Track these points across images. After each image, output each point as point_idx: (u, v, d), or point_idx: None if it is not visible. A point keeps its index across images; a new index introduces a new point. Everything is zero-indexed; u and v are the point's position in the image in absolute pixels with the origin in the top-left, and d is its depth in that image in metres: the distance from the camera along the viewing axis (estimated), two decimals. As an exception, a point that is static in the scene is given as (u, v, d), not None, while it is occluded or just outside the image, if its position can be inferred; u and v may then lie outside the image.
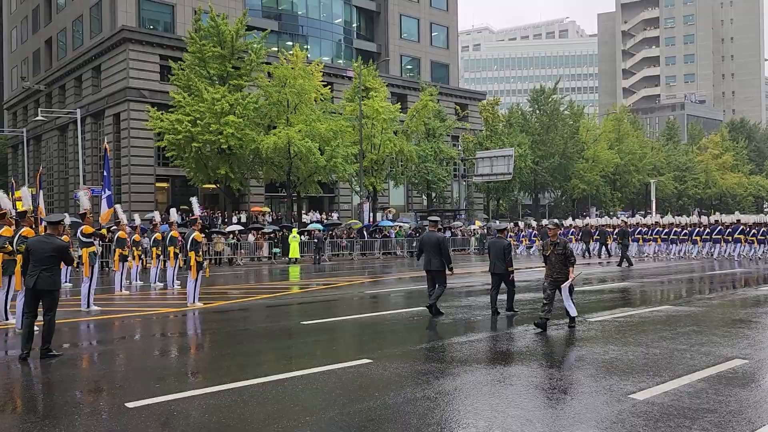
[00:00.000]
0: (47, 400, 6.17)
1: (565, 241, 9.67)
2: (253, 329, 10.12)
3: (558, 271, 9.51)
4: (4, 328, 10.13)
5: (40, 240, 7.92)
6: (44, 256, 7.69)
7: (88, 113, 39.61)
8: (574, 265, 9.53)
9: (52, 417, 5.48)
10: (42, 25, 49.57)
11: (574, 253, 9.64)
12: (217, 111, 29.30)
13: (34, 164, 48.35)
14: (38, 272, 7.66)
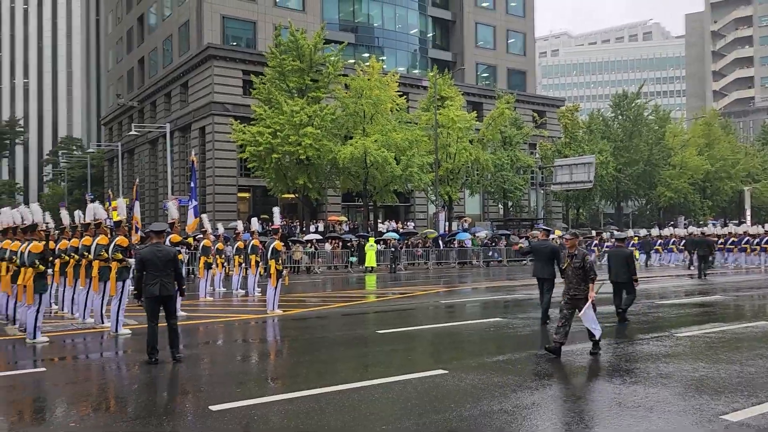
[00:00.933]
0: (138, 401, 6.49)
1: (584, 253, 8.37)
2: (330, 337, 10.28)
3: (575, 287, 8.26)
4: (100, 331, 10.76)
5: (153, 250, 8.16)
6: (161, 264, 8.01)
7: (176, 127, 41.65)
8: (594, 282, 8.27)
9: (142, 417, 5.77)
10: (135, 46, 52.66)
11: (594, 268, 8.33)
12: (296, 123, 30.09)
13: (127, 176, 51.30)
14: (159, 280, 8.00)
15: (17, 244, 10.13)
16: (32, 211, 10.33)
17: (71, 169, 68.60)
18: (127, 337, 10.06)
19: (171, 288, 8.10)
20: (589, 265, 8.23)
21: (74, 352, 9.38)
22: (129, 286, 10.49)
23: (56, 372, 7.97)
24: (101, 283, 10.62)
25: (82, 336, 10.44)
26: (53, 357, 8.77)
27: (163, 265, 8.03)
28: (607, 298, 12.05)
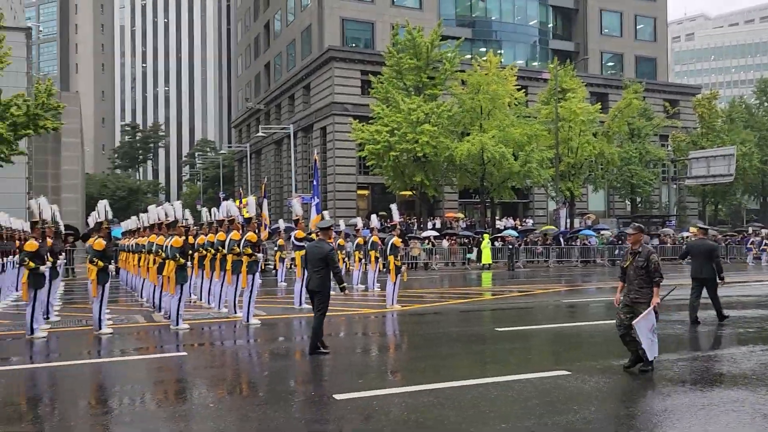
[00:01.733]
0: (269, 388, 6.90)
1: (650, 251, 7.22)
2: (447, 333, 10.30)
3: (637, 290, 7.18)
4: (233, 320, 11.52)
5: (313, 245, 8.57)
6: (316, 259, 8.32)
7: (299, 128, 43.49)
8: (659, 285, 7.09)
9: (272, 402, 6.14)
10: (262, 52, 55.58)
11: (660, 269, 7.07)
12: (413, 120, 30.37)
13: (255, 175, 54.33)
14: (311, 274, 8.37)
15: (162, 239, 11.09)
16: (174, 208, 11.26)
17: (206, 169, 73.80)
18: (257, 326, 10.69)
19: (318, 283, 8.23)
20: (654, 265, 7.09)
21: (211, 339, 10.12)
22: (258, 279, 11.12)
23: (196, 356, 8.65)
24: (234, 276, 11.35)
25: (218, 324, 11.23)
26: (193, 343, 9.52)
27: (317, 261, 8.25)
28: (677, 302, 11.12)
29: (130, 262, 15.41)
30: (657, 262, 7.15)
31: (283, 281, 18.74)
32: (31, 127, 23.51)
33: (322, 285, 8.25)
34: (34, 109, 23.50)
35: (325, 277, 8.26)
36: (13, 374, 7.67)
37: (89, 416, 5.86)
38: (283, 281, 18.74)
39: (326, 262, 8.20)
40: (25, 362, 8.37)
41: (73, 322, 11.35)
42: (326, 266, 8.22)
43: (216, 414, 5.73)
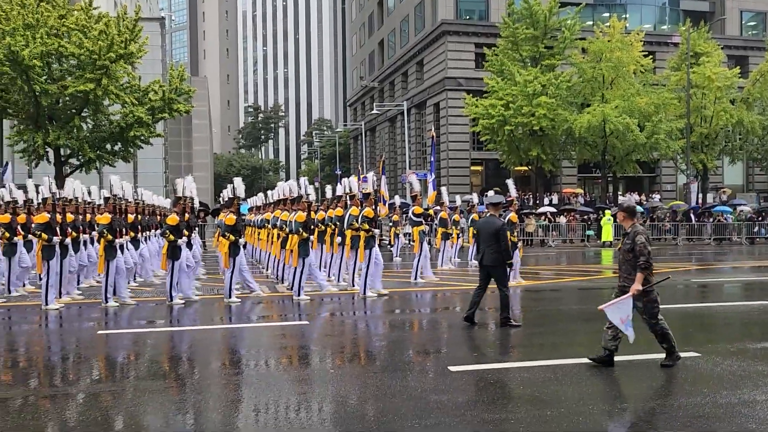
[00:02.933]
0: (386, 357, 7.11)
1: (637, 231, 6.30)
2: (565, 310, 10.06)
3: (625, 276, 6.37)
4: (350, 293, 11.91)
5: (485, 221, 8.74)
6: (488, 235, 8.42)
7: (412, 105, 43.61)
8: (645, 271, 6.16)
9: (389, 371, 6.33)
10: (376, 29, 56.07)
11: (647, 253, 6.16)
12: (529, 93, 29.46)
13: (370, 152, 55.33)
14: (484, 249, 8.49)
15: (286, 214, 11.64)
16: (299, 184, 11.74)
17: (323, 148, 76.20)
18: (373, 299, 10.99)
19: (492, 259, 8.30)
20: (639, 247, 6.20)
21: (330, 310, 10.54)
22: (377, 254, 11.37)
23: (316, 325, 9.07)
24: (352, 251, 11.70)
25: (337, 296, 11.67)
26: (313, 313, 9.97)
27: (488, 236, 8.34)
28: None
29: (256, 236, 16.32)
30: (643, 243, 6.20)
31: (398, 256, 19.05)
32: (166, 110, 25.45)
33: (497, 260, 8.28)
34: (169, 93, 25.40)
35: (498, 252, 8.28)
36: (156, 336, 8.46)
37: (222, 376, 6.36)
38: (398, 256, 19.05)
39: (498, 237, 8.24)
40: (166, 326, 9.19)
41: (206, 291, 12.25)
42: (498, 241, 8.26)
43: (336, 379, 6.01)
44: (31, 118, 23.88)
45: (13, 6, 22.95)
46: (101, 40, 22.81)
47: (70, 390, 5.85)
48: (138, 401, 5.38)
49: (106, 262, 10.12)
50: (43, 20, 22.79)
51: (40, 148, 24.13)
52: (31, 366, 6.96)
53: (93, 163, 25.18)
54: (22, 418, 5.03)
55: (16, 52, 21.42)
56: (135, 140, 25.31)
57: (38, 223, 9.94)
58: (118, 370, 6.71)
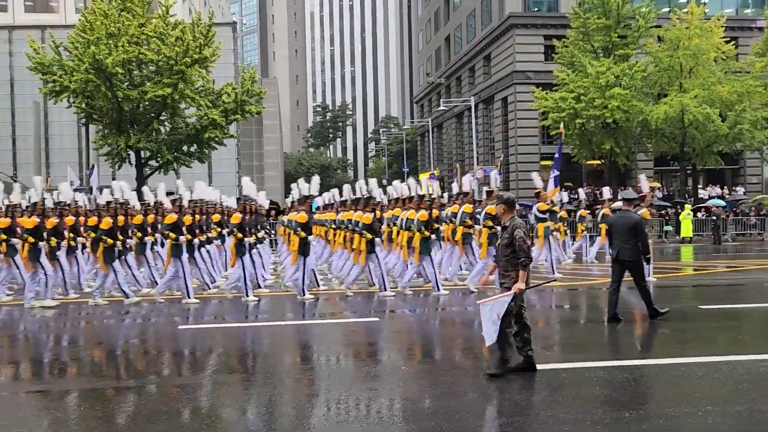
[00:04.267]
0: (459, 355, 7.08)
1: (516, 225, 5.82)
2: (643, 309, 9.69)
3: (503, 273, 5.94)
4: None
5: (620, 216, 8.70)
6: (624, 230, 8.39)
7: (480, 100, 43.10)
8: (525, 268, 5.75)
9: (460, 368, 6.31)
10: (442, 25, 55.75)
11: (526, 246, 5.74)
12: (601, 84, 28.54)
13: (437, 150, 55.11)
14: (618, 245, 8.45)
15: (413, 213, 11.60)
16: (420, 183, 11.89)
17: (390, 145, 76.48)
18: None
19: (628, 253, 8.25)
20: (519, 243, 5.72)
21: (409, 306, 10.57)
22: None
23: (389, 322, 9.12)
24: (466, 246, 11.58)
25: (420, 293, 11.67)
26: (386, 309, 10.03)
27: (624, 231, 8.30)
28: None
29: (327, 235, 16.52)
30: (522, 238, 5.75)
31: None
32: (239, 112, 26.22)
33: (634, 254, 8.24)
34: (241, 96, 26.15)
35: (635, 247, 8.23)
36: (230, 331, 8.76)
37: (296, 370, 6.52)
38: None
39: (635, 231, 8.23)
40: (239, 321, 9.49)
41: (276, 288, 12.56)
42: (635, 236, 8.22)
43: (407, 376, 6.04)
44: (114, 123, 25.14)
45: (97, 17, 24.21)
46: (177, 46, 23.74)
47: (157, 381, 6.16)
48: (216, 394, 5.60)
49: (173, 259, 10.56)
50: (124, 29, 23.91)
51: (123, 152, 25.36)
52: (128, 358, 7.37)
53: (171, 164, 26.24)
54: (118, 406, 5.34)
55: (100, 60, 22.60)
56: (209, 142, 26.20)
57: (166, 224, 10.68)
58: (196, 364, 6.99)
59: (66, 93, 24.49)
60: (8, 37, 36.05)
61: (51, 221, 10.74)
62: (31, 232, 10.38)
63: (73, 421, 4.99)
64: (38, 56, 24.47)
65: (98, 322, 9.52)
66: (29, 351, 7.84)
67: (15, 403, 5.48)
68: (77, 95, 24.61)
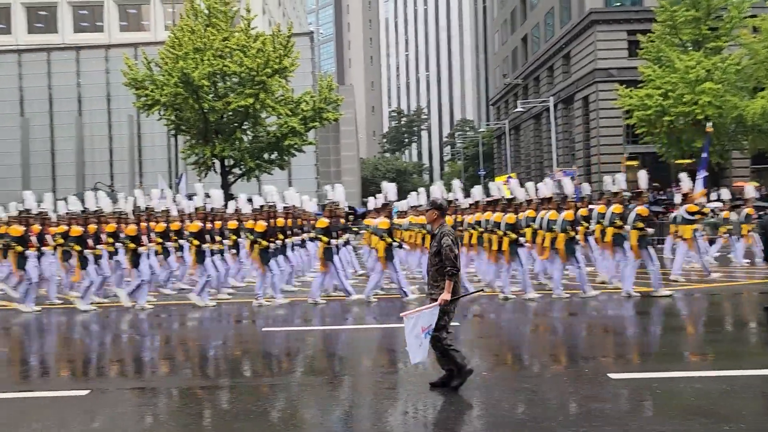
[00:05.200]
0: (541, 361, 6.90)
1: (444, 233, 5.48)
2: (744, 316, 9.12)
3: (432, 283, 5.58)
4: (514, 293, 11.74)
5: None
6: None
7: (559, 99, 42.03)
8: (453, 278, 5.39)
9: (543, 376, 6.15)
10: (519, 25, 54.82)
11: (453, 255, 5.38)
12: (691, 80, 27.17)
13: (514, 152, 54.16)
14: None
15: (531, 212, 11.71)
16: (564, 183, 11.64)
17: (465, 148, 75.93)
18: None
19: None
20: (445, 251, 5.38)
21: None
22: None
23: (472, 326, 9.03)
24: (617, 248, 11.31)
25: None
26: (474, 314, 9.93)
27: None
28: None
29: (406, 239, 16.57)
30: (449, 246, 5.39)
31: None
32: (317, 119, 26.82)
33: None
34: (319, 103, 26.73)
35: None
36: (313, 334, 8.92)
37: (376, 374, 6.55)
38: None
39: None
40: (323, 324, 9.65)
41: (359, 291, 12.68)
42: None
43: (489, 383, 5.94)
44: (201, 133, 26.29)
45: (184, 33, 25.43)
46: (259, 58, 24.57)
47: (242, 381, 6.36)
48: (299, 394, 5.71)
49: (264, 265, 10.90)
50: (210, 43, 24.99)
51: (208, 160, 26.49)
52: (217, 359, 7.66)
53: (253, 171, 27.16)
54: (200, 405, 5.56)
55: (188, 74, 23.72)
56: (289, 149, 26.92)
57: (257, 230, 11.11)
58: (281, 365, 7.17)
59: (157, 106, 25.85)
60: (105, 55, 38.56)
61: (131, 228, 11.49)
62: (132, 239, 11.03)
63: (166, 417, 5.23)
64: (132, 72, 25.96)
65: (191, 323, 9.94)
66: (129, 349, 8.29)
67: (116, 399, 5.80)
68: (167, 108, 25.91)
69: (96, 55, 38.83)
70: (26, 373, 7.12)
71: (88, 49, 39.34)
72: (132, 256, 10.92)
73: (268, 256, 10.94)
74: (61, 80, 38.87)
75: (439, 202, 5.78)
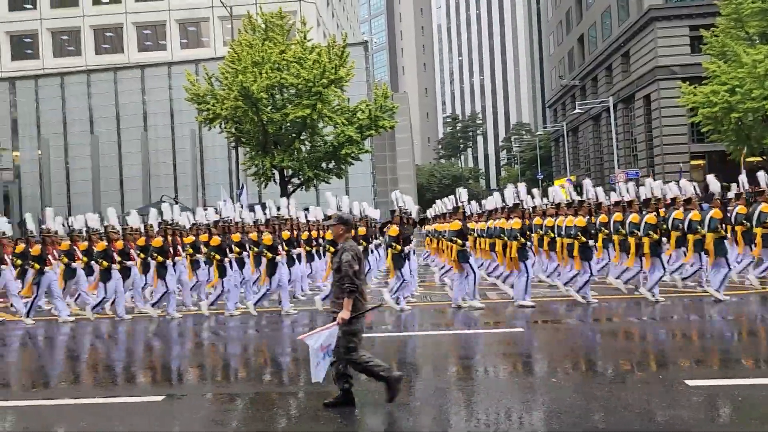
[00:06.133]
0: (614, 368, 6.75)
1: (345, 248, 5.36)
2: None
3: (334, 300, 5.44)
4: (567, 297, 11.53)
5: None
6: None
7: (618, 99, 40.98)
8: (352, 295, 5.23)
9: (617, 382, 6.01)
10: (574, 25, 53.82)
11: (353, 271, 5.23)
12: (759, 74, 25.98)
13: (573, 155, 53.07)
14: None
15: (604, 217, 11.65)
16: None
17: (522, 152, 74.87)
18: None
19: None
20: (345, 267, 5.25)
21: (555, 317, 10.28)
22: None
23: (539, 332, 8.91)
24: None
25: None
26: (537, 320, 9.80)
27: None
28: None
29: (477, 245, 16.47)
30: (348, 262, 5.25)
31: None
32: (373, 127, 27.02)
33: None
34: (375, 112, 26.94)
35: None
36: (384, 340, 8.99)
37: (453, 381, 6.55)
38: None
39: None
40: (393, 331, 9.71)
41: (421, 298, 12.71)
42: None
43: (560, 389, 5.85)
44: (260, 144, 26.91)
45: (243, 48, 26.14)
46: (315, 69, 24.99)
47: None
48: (365, 401, 5.77)
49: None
50: (267, 57, 25.58)
51: (268, 171, 27.07)
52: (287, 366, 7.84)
53: (311, 181, 27.59)
54: (271, 412, 5.69)
55: (247, 87, 24.35)
56: (346, 157, 27.22)
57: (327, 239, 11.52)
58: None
59: (218, 120, 26.64)
60: (168, 72, 40.02)
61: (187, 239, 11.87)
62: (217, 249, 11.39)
63: (240, 422, 5.39)
64: (194, 88, 26.86)
65: (266, 330, 10.19)
66: (207, 356, 8.57)
67: (195, 404, 6.01)
68: (227, 121, 26.66)
69: (159, 72, 40.36)
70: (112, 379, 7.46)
71: (151, 67, 40.94)
72: (218, 266, 11.28)
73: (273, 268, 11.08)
74: (127, 98, 40.55)
75: (345, 217, 5.67)
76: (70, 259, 11.87)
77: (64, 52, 44.83)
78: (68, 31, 44.68)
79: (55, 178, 40.19)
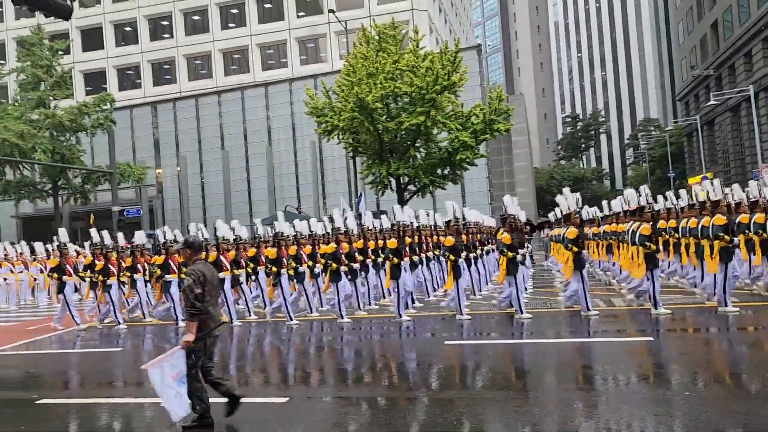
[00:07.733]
0: (754, 381, 6.16)
1: (188, 272, 5.38)
2: None
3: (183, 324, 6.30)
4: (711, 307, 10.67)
5: None
6: None
7: (760, 88, 37.45)
8: (193, 318, 5.24)
9: (760, 398, 5.46)
10: (706, 11, 49.94)
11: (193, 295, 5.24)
12: None
13: (708, 149, 49.18)
14: None
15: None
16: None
17: (651, 149, 70.48)
18: (736, 314, 9.60)
19: None
20: (186, 291, 5.31)
21: (684, 325, 9.58)
22: None
23: (671, 341, 8.33)
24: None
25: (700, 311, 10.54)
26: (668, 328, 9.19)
27: None
28: None
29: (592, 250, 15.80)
30: (189, 286, 5.29)
31: None
32: (487, 131, 26.66)
33: None
34: (489, 115, 26.57)
35: None
36: (496, 348, 8.82)
37: (561, 390, 6.28)
38: None
39: None
40: (503, 338, 9.50)
41: (540, 304, 12.32)
42: None
43: (694, 403, 5.41)
44: (377, 153, 27.44)
45: (357, 60, 26.84)
46: (428, 76, 25.10)
47: (426, 393, 6.48)
48: (483, 409, 5.66)
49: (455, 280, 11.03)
50: (381, 67, 26.07)
51: (385, 179, 27.53)
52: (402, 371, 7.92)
53: (427, 187, 27.70)
54: (390, 416, 5.74)
55: (362, 98, 24.96)
56: (461, 163, 27.04)
57: None
58: (465, 379, 7.16)
59: (336, 131, 27.52)
60: (289, 88, 42.06)
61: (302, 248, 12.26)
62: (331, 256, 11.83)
63: (360, 425, 5.49)
64: (312, 102, 27.96)
65: (374, 336, 10.37)
66: (325, 361, 8.85)
67: (313, 407, 6.22)
68: (345, 132, 27.46)
69: (281, 89, 42.52)
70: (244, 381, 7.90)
71: (274, 84, 43.23)
72: (331, 275, 11.70)
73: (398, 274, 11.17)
74: (253, 115, 43.09)
75: (191, 240, 5.76)
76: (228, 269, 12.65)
77: (198, 75, 48.51)
78: (201, 56, 48.31)
79: (192, 192, 43.48)
